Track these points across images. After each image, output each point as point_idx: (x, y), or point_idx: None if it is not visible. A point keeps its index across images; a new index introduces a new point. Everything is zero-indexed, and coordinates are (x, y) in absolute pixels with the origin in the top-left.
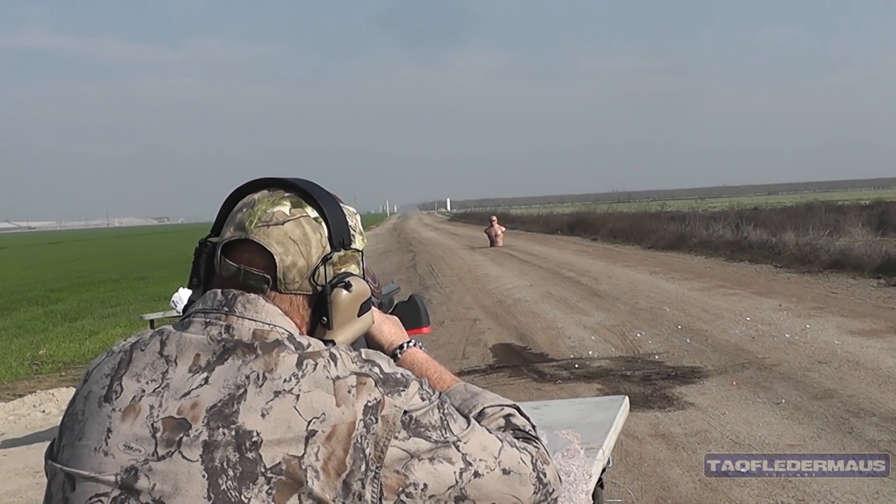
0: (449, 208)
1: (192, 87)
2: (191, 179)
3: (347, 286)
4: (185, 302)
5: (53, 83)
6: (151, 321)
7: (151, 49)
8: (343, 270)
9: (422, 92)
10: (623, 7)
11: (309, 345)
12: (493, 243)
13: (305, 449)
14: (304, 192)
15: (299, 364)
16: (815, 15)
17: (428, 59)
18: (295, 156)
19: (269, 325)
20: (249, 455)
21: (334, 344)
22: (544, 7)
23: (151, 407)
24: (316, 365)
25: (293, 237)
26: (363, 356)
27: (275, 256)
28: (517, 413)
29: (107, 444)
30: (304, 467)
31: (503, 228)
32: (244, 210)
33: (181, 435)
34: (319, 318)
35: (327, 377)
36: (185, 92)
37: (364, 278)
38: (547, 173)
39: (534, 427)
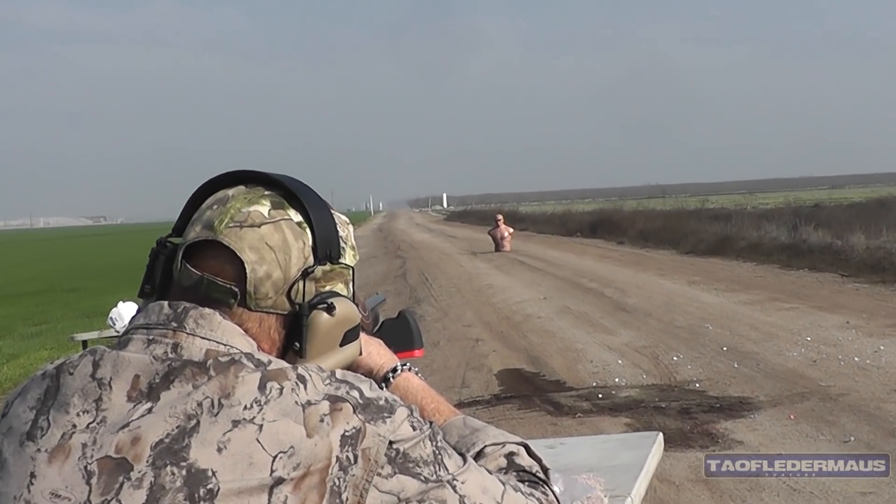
0: (445, 205)
1: (135, 62)
2: (133, 172)
3: (329, 308)
4: (130, 316)
5: None
6: (84, 342)
7: (93, 16)
8: (327, 289)
9: (414, 69)
10: None
11: (270, 362)
12: (498, 247)
13: (270, 499)
14: (288, 192)
15: (262, 387)
16: None
17: (423, 31)
18: (261, 144)
19: (224, 345)
20: None
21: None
22: None
23: (84, 445)
24: (282, 389)
25: (270, 243)
26: (338, 376)
27: (246, 265)
28: (523, 452)
29: (30, 491)
30: None
31: (510, 230)
32: (215, 207)
33: (121, 478)
34: (292, 343)
35: (296, 403)
36: (127, 67)
37: (353, 301)
38: (563, 164)
39: (545, 469)
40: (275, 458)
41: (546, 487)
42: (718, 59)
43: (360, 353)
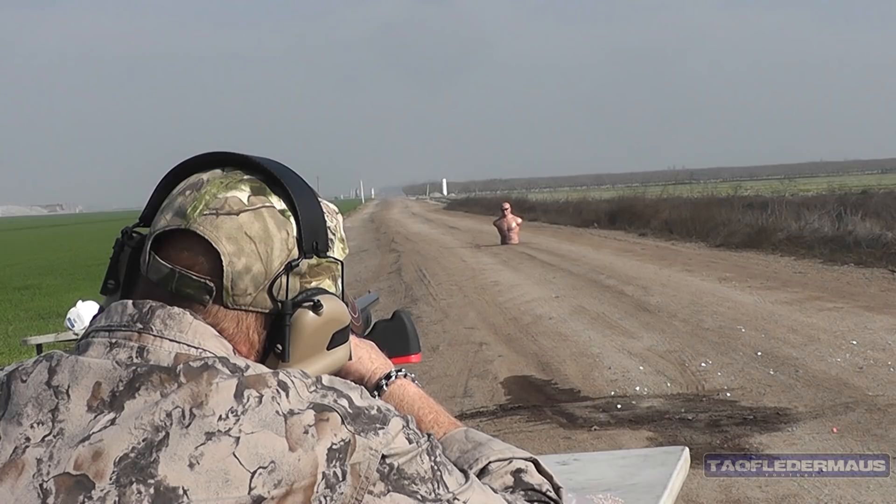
0: (445, 192)
1: (92, 30)
2: (94, 155)
3: (316, 307)
4: (90, 318)
5: None
6: (38, 346)
7: None
8: (313, 285)
9: (410, 34)
10: None
11: (248, 367)
12: (504, 240)
13: None
14: (269, 176)
15: (239, 395)
16: None
17: None
18: (238, 123)
19: (196, 348)
20: None
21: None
22: None
23: (39, 461)
24: (261, 397)
25: (250, 233)
26: (324, 383)
27: (222, 257)
28: (532, 469)
29: None
30: None
31: (519, 220)
32: (187, 192)
33: (81, 497)
34: (274, 345)
35: (277, 413)
36: (84, 39)
37: (343, 300)
38: (578, 146)
39: (557, 488)
40: (253, 474)
41: None
42: (754, 25)
43: (350, 358)
